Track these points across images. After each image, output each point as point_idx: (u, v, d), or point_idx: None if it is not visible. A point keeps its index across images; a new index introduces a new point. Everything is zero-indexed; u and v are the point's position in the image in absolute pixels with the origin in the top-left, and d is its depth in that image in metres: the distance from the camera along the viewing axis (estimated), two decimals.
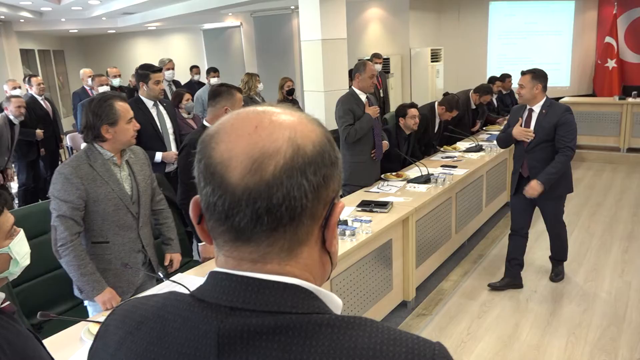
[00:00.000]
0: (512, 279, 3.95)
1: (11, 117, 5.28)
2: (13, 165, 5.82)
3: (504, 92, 7.86)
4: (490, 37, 9.97)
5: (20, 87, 6.09)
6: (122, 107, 2.34)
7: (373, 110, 4.18)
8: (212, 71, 6.71)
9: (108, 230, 2.38)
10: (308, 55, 5.37)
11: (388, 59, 8.60)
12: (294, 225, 0.61)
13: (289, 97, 6.39)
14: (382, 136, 4.46)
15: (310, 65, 5.38)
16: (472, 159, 5.17)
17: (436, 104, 5.45)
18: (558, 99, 8.56)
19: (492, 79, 7.31)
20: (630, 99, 7.89)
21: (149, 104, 4.00)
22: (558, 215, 3.94)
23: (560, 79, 9.81)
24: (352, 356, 0.57)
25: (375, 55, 7.07)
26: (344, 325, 0.60)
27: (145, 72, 3.96)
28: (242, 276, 0.61)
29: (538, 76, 3.68)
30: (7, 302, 1.29)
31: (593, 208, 5.78)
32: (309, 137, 0.62)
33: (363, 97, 4.18)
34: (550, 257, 4.15)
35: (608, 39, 9.25)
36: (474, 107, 6.38)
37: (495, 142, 5.63)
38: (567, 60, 9.78)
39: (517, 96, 3.95)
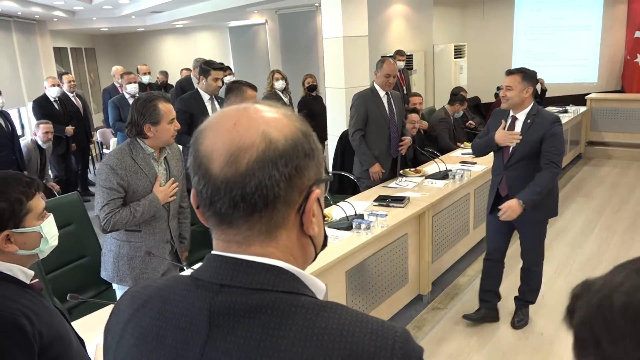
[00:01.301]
0: (488, 311, 3.46)
1: (39, 142, 5.52)
2: (51, 178, 6.07)
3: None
4: (516, 32, 9.87)
5: (59, 85, 6.34)
6: (165, 108, 2.47)
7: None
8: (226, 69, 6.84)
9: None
10: (330, 52, 5.45)
11: (411, 55, 8.60)
12: (269, 211, 0.69)
13: (311, 93, 6.49)
14: (404, 131, 4.46)
15: (331, 62, 5.46)
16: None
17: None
18: (585, 95, 8.47)
19: None
20: None
21: (205, 97, 4.15)
22: (538, 243, 3.32)
23: (587, 74, 9.65)
24: (323, 335, 0.65)
25: (399, 52, 7.10)
26: (317, 308, 0.68)
27: (207, 67, 4.12)
28: (231, 257, 0.70)
29: (529, 77, 3.11)
30: (36, 280, 1.43)
31: (616, 206, 5.71)
32: (282, 131, 0.69)
33: (382, 93, 4.24)
34: (515, 297, 3.47)
35: (638, 34, 9.05)
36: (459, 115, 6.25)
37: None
38: (595, 55, 9.60)
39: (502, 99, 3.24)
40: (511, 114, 3.21)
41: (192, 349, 0.68)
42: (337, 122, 5.54)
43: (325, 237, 0.80)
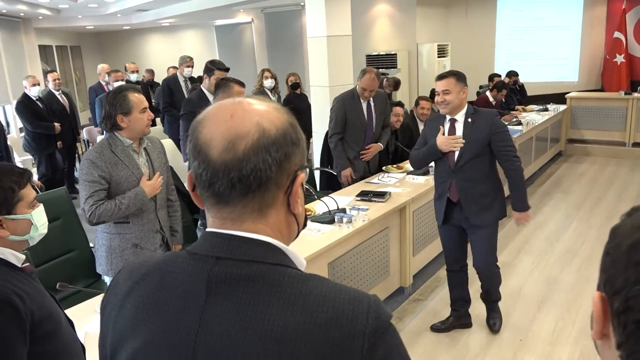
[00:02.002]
0: (457, 320, 3.43)
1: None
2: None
3: (512, 87, 7.97)
4: (498, 32, 10.05)
5: (39, 84, 6.34)
6: (136, 98, 2.55)
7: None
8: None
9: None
10: (314, 51, 5.54)
11: (395, 54, 8.73)
12: (262, 191, 0.78)
13: (295, 91, 6.58)
14: (381, 136, 4.55)
15: (316, 61, 5.55)
16: None
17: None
18: (566, 93, 8.66)
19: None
20: (636, 94, 7.94)
21: (210, 97, 4.22)
22: (491, 246, 3.22)
23: (568, 74, 9.86)
24: (308, 300, 0.74)
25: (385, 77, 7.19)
26: (302, 278, 0.77)
27: (212, 67, 4.18)
28: (226, 233, 0.79)
29: (462, 78, 3.03)
30: (27, 264, 1.52)
31: (594, 201, 5.88)
32: (274, 122, 0.79)
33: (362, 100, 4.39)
34: (481, 296, 3.40)
35: (617, 34, 9.27)
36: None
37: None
38: (575, 55, 9.81)
39: (437, 107, 3.20)
40: (448, 117, 3.12)
41: (191, 313, 0.76)
42: (322, 119, 5.62)
43: (306, 217, 0.90)
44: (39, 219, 1.54)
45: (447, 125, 3.13)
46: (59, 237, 2.87)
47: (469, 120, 3.06)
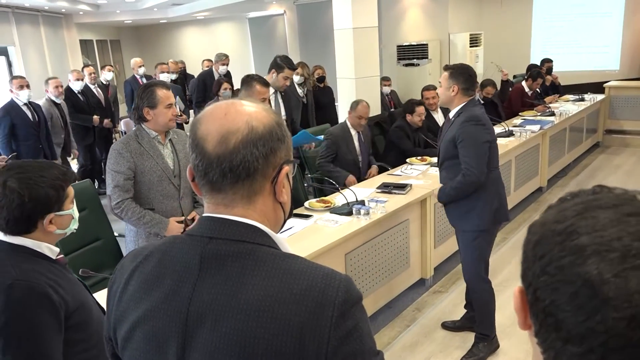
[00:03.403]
0: (467, 320, 3.31)
1: (53, 97, 5.82)
2: (76, 146, 6.37)
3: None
4: (535, 20, 9.77)
5: (83, 79, 6.61)
6: (163, 94, 2.69)
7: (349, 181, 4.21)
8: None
9: (154, 198, 2.75)
10: (340, 43, 5.55)
11: (426, 44, 8.63)
12: (250, 180, 0.90)
13: (320, 84, 6.61)
14: (370, 160, 4.67)
15: (342, 53, 5.56)
16: (501, 143, 5.22)
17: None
18: (605, 82, 8.37)
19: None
20: None
21: (271, 90, 4.14)
22: (469, 257, 3.00)
23: (609, 62, 9.50)
24: (286, 274, 0.85)
25: (384, 79, 7.14)
26: (283, 256, 0.89)
27: (282, 64, 4.13)
28: (219, 217, 0.91)
29: (457, 74, 2.85)
30: (61, 255, 1.62)
31: None
32: (262, 121, 0.91)
33: (353, 132, 4.48)
34: (466, 315, 3.30)
35: None
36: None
37: (526, 127, 5.67)
38: (617, 42, 9.43)
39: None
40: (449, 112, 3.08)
41: (186, 285, 0.87)
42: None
43: (291, 207, 1.02)
44: (76, 213, 1.64)
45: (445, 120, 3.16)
46: (86, 226, 2.99)
47: (452, 118, 2.95)
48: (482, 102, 6.32)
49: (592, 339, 0.52)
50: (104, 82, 7.26)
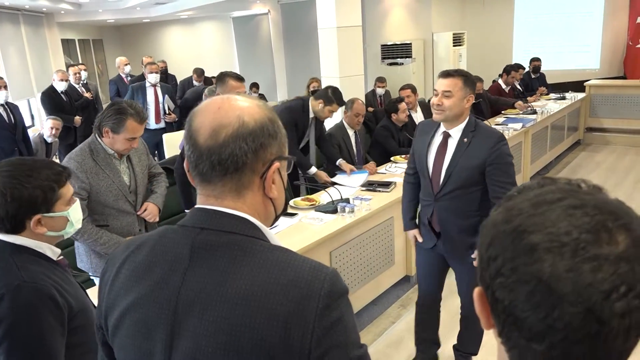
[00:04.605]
0: None
1: (45, 136, 5.68)
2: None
3: (533, 77, 7.87)
4: (517, 19, 9.89)
5: (67, 80, 6.53)
6: (132, 127, 2.52)
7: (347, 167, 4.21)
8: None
9: (109, 214, 2.64)
10: (324, 42, 5.57)
11: (410, 44, 8.69)
12: (238, 174, 0.91)
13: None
14: (367, 158, 4.69)
15: (326, 52, 5.58)
16: None
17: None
18: (585, 81, 8.50)
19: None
20: None
21: (311, 114, 4.17)
22: (474, 288, 2.14)
23: (589, 61, 9.65)
24: (273, 265, 0.87)
25: (379, 79, 7.17)
26: (271, 248, 0.91)
27: (332, 98, 4.03)
28: (209, 209, 0.92)
29: (470, 82, 2.42)
30: (61, 257, 1.59)
31: (610, 189, 5.72)
32: (253, 116, 0.92)
33: (351, 132, 4.51)
34: (454, 346, 2.94)
35: None
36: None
37: (509, 125, 5.74)
38: (597, 42, 9.59)
39: (433, 110, 2.48)
40: (442, 129, 2.50)
41: (176, 274, 0.89)
42: None
43: (286, 203, 1.03)
44: (75, 215, 1.58)
45: (437, 140, 2.53)
46: None
47: (465, 140, 2.43)
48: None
49: (553, 336, 0.53)
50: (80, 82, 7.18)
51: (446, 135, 2.50)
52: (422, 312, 2.88)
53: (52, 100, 6.25)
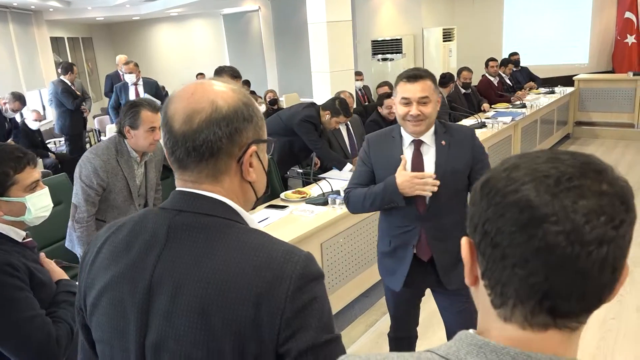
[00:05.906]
0: None
1: (29, 123, 5.95)
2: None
3: (515, 70, 7.92)
4: (506, 14, 9.94)
5: (42, 120, 6.78)
6: (146, 116, 2.56)
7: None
8: None
9: (110, 213, 2.70)
10: (314, 37, 5.57)
11: (400, 39, 8.72)
12: (214, 159, 0.91)
13: (272, 106, 6.82)
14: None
15: (316, 47, 5.59)
16: None
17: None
18: (574, 75, 8.57)
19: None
20: None
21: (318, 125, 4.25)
22: (471, 321, 1.53)
23: (578, 55, 9.72)
24: (247, 246, 0.88)
25: (356, 73, 7.20)
26: (247, 230, 0.92)
27: (339, 110, 4.09)
28: (187, 191, 0.94)
29: (436, 81, 2.15)
30: (30, 239, 1.62)
31: None
32: (227, 101, 0.92)
33: (342, 126, 4.46)
34: None
35: (628, 14, 9.11)
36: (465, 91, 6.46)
37: (498, 119, 5.78)
38: (585, 37, 9.66)
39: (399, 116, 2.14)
40: (409, 138, 2.14)
41: (152, 253, 0.90)
42: None
43: (268, 187, 1.03)
44: (36, 202, 1.59)
45: (409, 152, 2.14)
46: (63, 220, 2.98)
47: (443, 142, 2.12)
48: (463, 90, 6.44)
49: (535, 259, 0.57)
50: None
51: (418, 144, 2.14)
52: (395, 345, 2.53)
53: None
